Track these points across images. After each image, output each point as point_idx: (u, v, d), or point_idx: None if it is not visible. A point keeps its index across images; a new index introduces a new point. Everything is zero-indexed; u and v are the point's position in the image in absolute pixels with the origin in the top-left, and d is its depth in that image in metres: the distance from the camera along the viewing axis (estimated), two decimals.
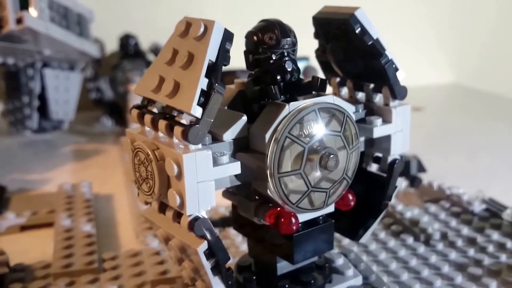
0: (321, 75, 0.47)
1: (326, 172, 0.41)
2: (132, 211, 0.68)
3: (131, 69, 1.10)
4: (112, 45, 1.18)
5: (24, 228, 0.67)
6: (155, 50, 1.20)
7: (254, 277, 0.45)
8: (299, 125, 0.39)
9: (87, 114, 1.22)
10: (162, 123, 0.37)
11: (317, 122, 0.40)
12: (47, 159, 0.95)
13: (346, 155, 0.42)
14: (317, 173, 0.40)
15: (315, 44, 0.49)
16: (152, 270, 0.52)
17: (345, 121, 0.41)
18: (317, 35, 0.48)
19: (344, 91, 0.50)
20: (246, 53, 0.42)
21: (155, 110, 0.39)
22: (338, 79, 0.50)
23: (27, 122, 1.04)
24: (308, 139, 0.39)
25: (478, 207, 0.65)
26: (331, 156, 0.40)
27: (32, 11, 0.88)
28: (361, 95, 0.49)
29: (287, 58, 0.40)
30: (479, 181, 0.79)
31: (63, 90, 1.05)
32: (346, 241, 0.57)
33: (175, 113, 0.38)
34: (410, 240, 0.58)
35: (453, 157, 0.92)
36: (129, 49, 1.13)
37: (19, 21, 0.86)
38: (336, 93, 0.50)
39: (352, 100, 0.48)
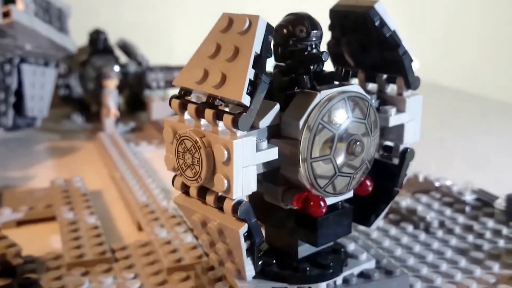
0: None
1: (351, 157, 0.43)
2: (131, 205, 0.68)
3: (101, 65, 1.08)
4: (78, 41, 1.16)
5: (20, 223, 0.67)
6: (123, 46, 1.19)
7: (274, 261, 0.46)
8: (329, 112, 0.41)
9: (53, 111, 1.19)
10: (209, 112, 0.38)
11: (345, 109, 0.42)
12: (24, 157, 0.94)
13: (369, 142, 0.44)
14: (343, 159, 0.42)
15: None
16: (167, 258, 0.53)
17: (369, 109, 0.43)
18: (332, 27, 0.50)
19: (354, 82, 0.52)
20: (275, 45, 0.44)
21: (194, 100, 0.41)
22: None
23: (2, 119, 1.02)
24: (338, 125, 0.41)
25: (469, 197, 0.68)
26: (358, 142, 0.42)
27: (19, 5, 0.86)
28: (371, 86, 0.51)
29: (325, 49, 0.42)
30: (456, 171, 0.82)
31: (39, 86, 1.04)
32: None
33: (218, 103, 0.39)
34: (410, 228, 0.61)
35: (423, 149, 0.95)
36: (98, 45, 1.12)
37: (5, 15, 0.84)
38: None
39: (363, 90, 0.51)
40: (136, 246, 0.57)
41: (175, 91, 1.14)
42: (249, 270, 0.42)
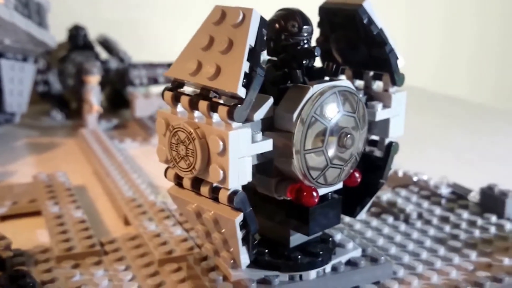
0: None
1: (342, 150, 0.44)
2: (117, 199, 0.69)
3: (81, 61, 1.08)
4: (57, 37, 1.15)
5: (4, 218, 0.67)
6: (104, 42, 1.19)
7: (266, 250, 0.48)
8: (322, 106, 0.42)
9: (32, 107, 1.18)
10: (203, 104, 0.39)
11: (336, 103, 0.43)
12: (3, 153, 0.93)
13: (358, 135, 0.46)
14: (334, 151, 0.44)
15: None
16: (158, 251, 0.54)
17: (358, 103, 0.45)
18: (321, 24, 0.51)
19: (342, 78, 0.54)
20: (267, 40, 0.45)
21: (186, 92, 0.42)
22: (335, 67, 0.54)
23: None
24: (329, 119, 0.43)
25: (445, 191, 0.71)
26: (349, 135, 0.44)
27: None
28: (358, 83, 0.53)
29: (315, 45, 0.44)
30: (431, 167, 0.85)
31: (18, 82, 1.03)
32: None
33: (211, 95, 0.40)
34: (390, 219, 0.63)
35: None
36: (78, 41, 1.12)
37: None
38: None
39: None
40: (125, 239, 0.58)
41: (158, 88, 1.15)
42: (244, 258, 0.44)
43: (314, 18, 0.50)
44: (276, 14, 0.45)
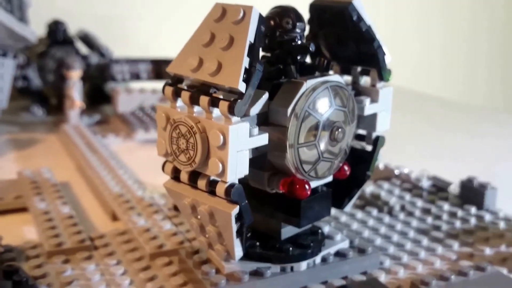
0: None
1: (333, 143, 0.46)
2: (104, 195, 0.69)
3: (61, 56, 1.07)
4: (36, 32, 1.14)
5: None
6: (84, 38, 1.18)
7: (258, 243, 0.49)
8: (315, 101, 0.44)
9: (11, 103, 1.16)
10: (204, 99, 0.40)
11: (328, 98, 0.45)
12: None
13: (348, 129, 0.47)
14: (325, 145, 0.45)
15: None
16: (148, 245, 0.55)
17: (348, 98, 0.46)
18: (311, 21, 0.52)
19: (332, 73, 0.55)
20: (262, 36, 0.46)
21: (185, 87, 0.43)
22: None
23: None
24: (322, 113, 0.44)
25: (425, 183, 0.72)
26: (340, 129, 0.45)
27: None
28: (345, 78, 0.54)
29: (310, 41, 0.45)
30: (410, 162, 0.86)
31: None
32: None
33: (211, 90, 0.41)
34: (374, 212, 0.65)
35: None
36: (58, 36, 1.11)
37: None
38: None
39: None
40: (114, 234, 0.58)
41: (139, 84, 1.14)
42: (238, 251, 0.45)
43: (305, 15, 0.52)
44: (271, 12, 0.46)
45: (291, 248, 0.48)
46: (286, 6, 0.46)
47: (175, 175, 0.45)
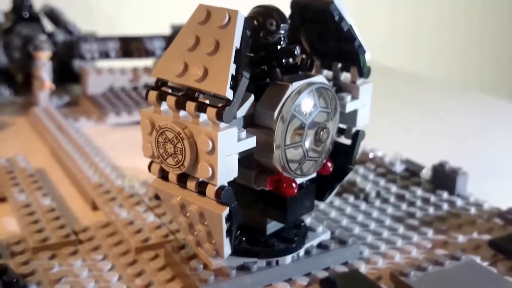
0: None
1: (318, 143, 0.47)
2: (82, 184, 0.69)
3: (27, 34, 1.05)
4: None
5: None
6: (50, 13, 1.16)
7: (244, 238, 0.50)
8: (300, 103, 0.44)
9: None
10: (190, 104, 0.40)
11: (313, 100, 0.45)
12: None
13: (332, 128, 0.48)
14: (310, 145, 0.47)
15: None
16: (134, 239, 0.55)
17: (331, 98, 0.47)
18: (292, 16, 0.53)
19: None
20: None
21: (170, 91, 0.43)
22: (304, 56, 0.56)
23: None
24: (307, 115, 0.45)
25: (399, 168, 0.75)
26: (325, 130, 0.46)
27: None
28: (326, 73, 0.55)
29: (296, 45, 0.45)
30: (382, 141, 0.88)
31: None
32: None
33: (197, 94, 0.41)
34: (351, 198, 0.67)
35: None
36: (23, 12, 1.08)
37: None
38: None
39: None
40: (97, 227, 0.59)
41: (108, 63, 1.12)
42: (227, 249, 0.46)
43: (286, 10, 0.52)
44: (253, 11, 0.46)
45: (276, 243, 0.50)
46: (269, 6, 0.46)
47: (163, 174, 0.45)
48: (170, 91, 0.43)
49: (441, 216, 0.63)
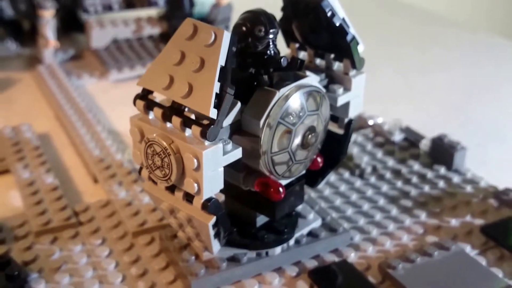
0: None
1: (305, 147, 0.47)
2: (84, 156, 0.70)
3: None
4: None
5: None
6: None
7: (235, 229, 0.52)
8: (288, 110, 0.44)
9: None
10: (176, 120, 0.41)
11: (301, 105, 0.45)
12: None
13: (321, 129, 0.48)
14: (298, 149, 0.47)
15: None
16: (130, 222, 0.57)
17: (321, 100, 0.47)
18: (285, 8, 0.52)
19: (302, 54, 0.55)
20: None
21: (157, 100, 0.43)
22: (297, 45, 0.55)
23: None
24: (294, 121, 0.45)
25: (398, 137, 0.75)
26: (313, 133, 0.46)
27: None
28: (319, 61, 0.54)
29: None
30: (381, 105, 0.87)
31: None
32: None
33: (183, 107, 0.41)
34: (346, 174, 0.67)
35: None
36: None
37: None
38: (294, 55, 0.55)
39: (312, 65, 0.54)
40: (97, 207, 0.61)
41: (111, 15, 1.09)
42: (216, 247, 0.47)
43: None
44: (241, 17, 0.45)
45: (266, 236, 0.51)
46: (257, 10, 0.45)
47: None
48: (156, 99, 0.43)
49: (436, 196, 0.63)
